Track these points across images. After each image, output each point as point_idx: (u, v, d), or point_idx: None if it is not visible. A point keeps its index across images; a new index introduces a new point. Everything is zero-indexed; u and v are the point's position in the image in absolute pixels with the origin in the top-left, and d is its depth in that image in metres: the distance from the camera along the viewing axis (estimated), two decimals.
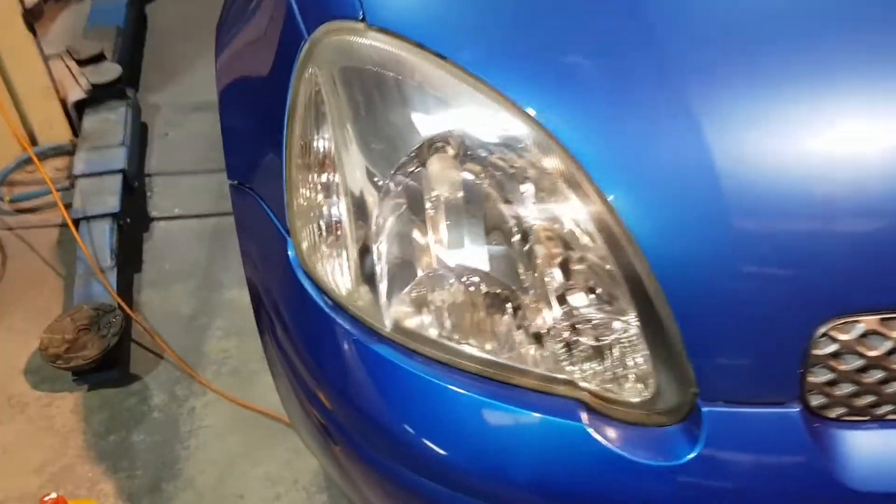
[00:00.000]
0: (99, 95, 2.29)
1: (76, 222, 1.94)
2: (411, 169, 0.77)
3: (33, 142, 2.28)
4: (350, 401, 0.83)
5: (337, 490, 1.46)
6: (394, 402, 0.79)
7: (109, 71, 2.32)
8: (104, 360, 1.63)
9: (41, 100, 2.20)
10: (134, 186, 2.15)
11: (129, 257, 2.01)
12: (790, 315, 0.68)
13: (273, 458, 1.54)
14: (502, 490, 0.77)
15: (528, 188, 0.75)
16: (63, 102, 2.27)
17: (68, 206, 2.00)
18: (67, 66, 2.37)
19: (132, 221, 2.08)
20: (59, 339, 1.62)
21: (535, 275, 0.76)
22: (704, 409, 0.71)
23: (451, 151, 0.77)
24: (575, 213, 0.72)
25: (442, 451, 0.77)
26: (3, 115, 2.08)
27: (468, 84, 0.75)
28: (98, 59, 2.38)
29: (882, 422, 0.72)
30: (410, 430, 0.78)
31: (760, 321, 0.68)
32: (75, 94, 2.29)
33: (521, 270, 0.77)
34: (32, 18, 2.11)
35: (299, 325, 0.88)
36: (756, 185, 0.68)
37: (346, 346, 0.81)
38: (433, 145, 0.76)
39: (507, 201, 0.76)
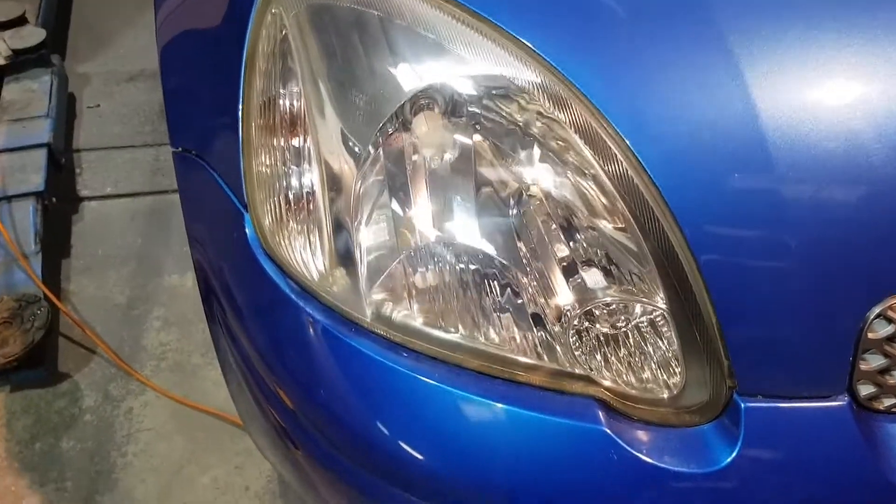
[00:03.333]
0: (20, 62, 2.06)
1: None
2: (400, 129, 0.65)
3: None
4: (319, 401, 0.70)
5: (294, 497, 1.33)
6: (374, 403, 0.67)
7: (32, 35, 2.09)
8: (28, 357, 1.44)
9: None
10: (61, 163, 1.94)
11: (56, 242, 1.81)
12: (842, 294, 0.59)
13: (222, 462, 1.39)
14: None
15: (532, 146, 0.64)
16: None
17: None
18: None
19: (59, 202, 1.87)
20: None
21: (540, 251, 0.65)
22: (743, 405, 0.61)
23: (437, 109, 0.65)
24: (592, 175, 0.62)
25: (431, 461, 0.66)
26: None
27: (469, 25, 0.63)
28: (19, 22, 2.14)
29: None
30: (394, 436, 0.66)
31: (808, 302, 0.59)
32: None
33: (522, 246, 0.66)
34: None
35: (258, 315, 0.75)
36: (807, 148, 0.58)
37: (315, 339, 0.69)
38: (425, 101, 0.64)
39: (507, 163, 0.65)
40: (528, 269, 0.65)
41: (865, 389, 0.63)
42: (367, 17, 0.65)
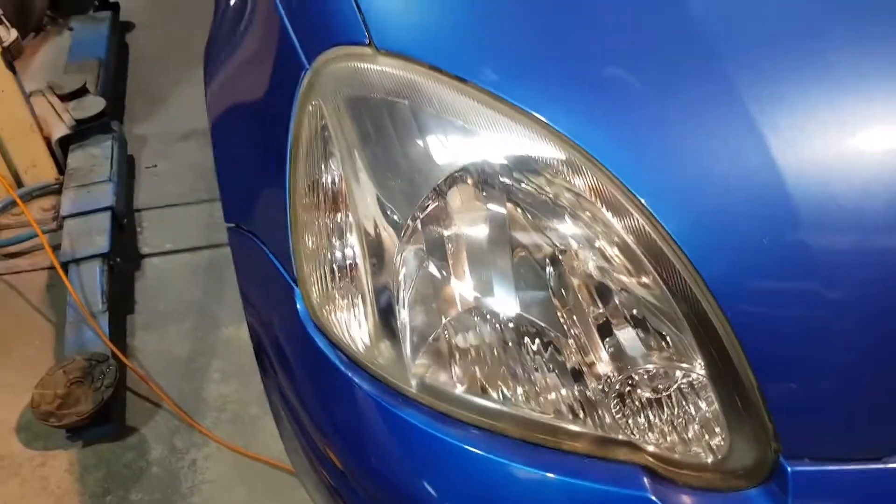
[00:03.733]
0: (83, 131, 2.20)
1: (65, 265, 1.84)
2: (436, 204, 0.68)
3: (18, 182, 2.19)
4: (368, 469, 0.73)
5: None
6: (421, 470, 0.69)
7: (93, 105, 2.23)
8: (99, 414, 1.52)
9: (24, 139, 2.11)
10: (123, 223, 2.05)
11: (121, 299, 1.91)
12: (886, 349, 0.59)
13: None
14: None
15: (563, 215, 0.66)
16: (47, 140, 2.17)
17: (57, 248, 1.90)
18: (50, 103, 2.28)
19: (123, 260, 1.98)
20: (50, 395, 1.52)
21: (577, 315, 0.67)
22: (789, 469, 0.61)
23: (477, 184, 0.68)
24: (621, 243, 0.63)
25: None
26: None
27: (492, 108, 0.66)
28: (81, 93, 2.29)
29: None
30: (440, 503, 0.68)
31: (849, 359, 0.59)
32: (59, 130, 2.19)
33: (559, 310, 0.67)
34: (11, 56, 2.02)
35: (310, 383, 0.79)
36: (832, 197, 0.59)
37: (364, 408, 0.72)
38: (459, 178, 0.67)
39: (540, 230, 0.67)
40: (567, 331, 0.67)
41: None
42: (398, 106, 0.69)
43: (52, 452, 1.58)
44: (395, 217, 0.69)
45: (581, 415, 0.66)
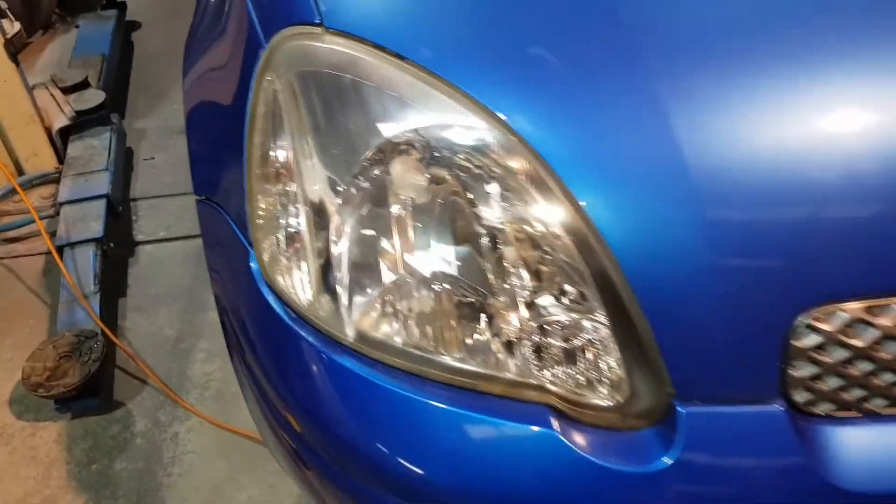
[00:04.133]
0: (83, 122, 2.28)
1: (60, 249, 1.92)
2: (373, 172, 0.75)
3: (19, 170, 2.28)
4: (316, 418, 0.79)
5: None
6: (360, 414, 0.76)
7: (93, 97, 2.31)
8: (86, 387, 1.60)
9: (25, 128, 2.20)
10: (118, 211, 2.13)
11: (114, 282, 1.99)
12: (767, 305, 0.65)
13: (256, 482, 1.49)
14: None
15: (494, 189, 0.73)
16: (48, 130, 2.26)
17: (53, 234, 1.99)
18: (52, 95, 2.37)
19: (118, 246, 2.06)
20: (40, 368, 1.59)
21: (504, 278, 0.73)
22: (681, 410, 0.67)
23: (415, 154, 0.75)
24: (542, 213, 0.70)
25: (411, 467, 0.74)
26: None
27: (428, 83, 0.73)
28: (82, 86, 2.38)
29: (874, 417, 0.69)
30: (378, 445, 0.75)
31: (735, 313, 0.65)
32: (60, 121, 2.28)
33: (489, 274, 0.74)
34: (14, 48, 2.11)
35: (264, 340, 0.85)
36: (727, 174, 0.65)
37: (309, 359, 0.78)
38: (396, 148, 0.74)
39: (474, 203, 0.74)
40: (491, 291, 0.73)
41: (800, 395, 0.68)
42: (342, 80, 0.75)
43: (42, 424, 1.66)
44: (337, 184, 0.76)
45: (498, 362, 0.72)
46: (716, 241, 0.65)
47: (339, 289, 0.76)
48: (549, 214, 0.69)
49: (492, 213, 0.73)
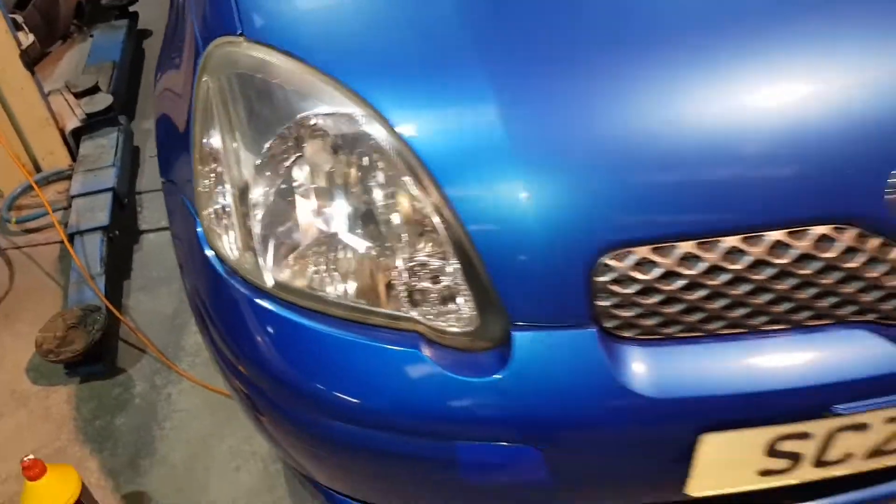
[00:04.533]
0: (93, 123, 2.52)
1: (71, 237, 2.16)
2: (282, 154, 0.94)
3: (37, 168, 2.53)
4: (247, 352, 0.98)
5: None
6: (275, 343, 0.95)
7: (102, 101, 2.55)
8: (90, 353, 1.82)
9: (41, 130, 2.44)
10: (124, 203, 2.36)
11: (120, 266, 2.21)
12: (574, 248, 0.82)
13: (235, 434, 1.71)
14: (373, 415, 0.92)
15: (372, 164, 0.90)
16: (62, 132, 2.51)
17: (66, 225, 2.23)
18: (66, 99, 2.62)
19: (123, 234, 2.29)
20: (51, 337, 1.82)
21: (385, 236, 0.91)
22: (515, 335, 0.85)
23: (320, 137, 0.93)
24: (411, 184, 0.88)
25: (320, 386, 0.93)
26: (6, 145, 2.32)
27: (322, 81, 0.91)
28: (93, 91, 2.62)
29: (674, 339, 0.86)
30: (293, 371, 0.94)
31: (551, 255, 0.83)
32: (72, 123, 2.52)
33: (374, 232, 0.92)
34: (28, 58, 2.35)
35: (207, 292, 1.05)
36: (543, 145, 0.83)
37: (238, 302, 0.98)
38: (308, 132, 0.92)
39: (364, 178, 0.92)
40: (382, 248, 0.92)
41: (607, 322, 0.85)
42: (257, 79, 0.95)
43: (55, 388, 1.89)
44: (254, 164, 0.95)
45: (380, 300, 0.91)
46: (527, 189, 0.82)
47: (257, 247, 0.95)
48: (418, 185, 0.87)
49: (375, 184, 0.91)
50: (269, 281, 0.95)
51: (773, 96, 0.82)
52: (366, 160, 0.90)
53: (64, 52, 3.17)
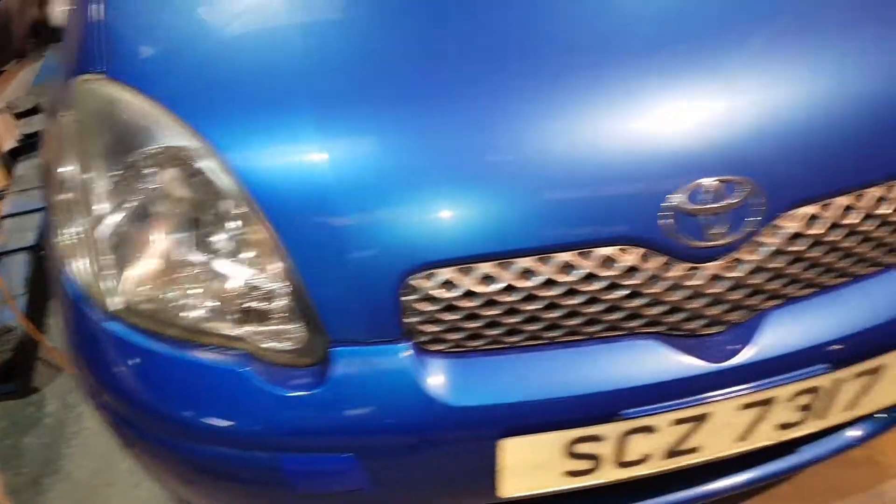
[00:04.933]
0: (30, 144, 2.57)
1: None
2: (130, 182, 1.00)
3: None
4: (93, 368, 1.03)
5: None
6: (117, 362, 1.00)
7: (40, 122, 2.60)
8: (1, 373, 1.85)
9: None
10: None
11: (47, 287, 2.24)
12: (381, 268, 0.89)
13: None
14: (212, 432, 0.97)
15: (214, 195, 0.96)
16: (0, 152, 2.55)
17: None
18: (4, 120, 2.67)
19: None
20: None
21: (225, 260, 0.97)
22: (333, 350, 0.91)
23: (170, 168, 0.99)
24: (243, 213, 0.93)
25: (158, 405, 0.98)
26: None
27: (166, 114, 0.98)
28: (33, 112, 2.67)
29: (480, 352, 0.93)
30: (137, 390, 0.99)
31: (360, 275, 0.89)
32: (9, 144, 2.57)
33: (216, 258, 0.97)
34: None
35: (65, 316, 1.10)
36: (350, 169, 0.90)
37: (88, 324, 1.03)
38: (161, 161, 0.98)
39: (201, 204, 0.97)
40: (213, 270, 0.97)
41: (419, 337, 0.92)
42: (112, 111, 1.01)
43: None
44: (104, 190, 1.01)
45: (216, 321, 0.97)
46: (347, 226, 0.89)
47: (104, 272, 1.01)
48: (249, 213, 0.93)
49: (211, 213, 0.97)
50: (113, 305, 1.00)
51: (564, 126, 0.90)
52: (202, 191, 0.97)
53: (17, 72, 3.22)
